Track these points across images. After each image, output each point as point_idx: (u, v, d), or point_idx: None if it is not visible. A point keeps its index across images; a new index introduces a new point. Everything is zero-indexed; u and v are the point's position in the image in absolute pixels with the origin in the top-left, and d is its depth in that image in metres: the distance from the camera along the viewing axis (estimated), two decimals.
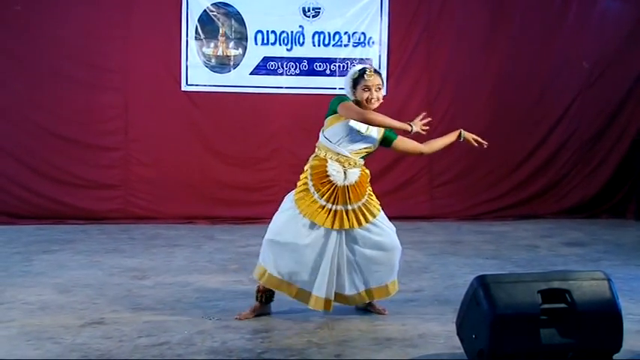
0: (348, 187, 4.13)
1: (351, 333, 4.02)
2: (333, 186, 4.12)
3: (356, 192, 4.15)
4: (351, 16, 7.90)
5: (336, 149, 4.17)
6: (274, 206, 7.78)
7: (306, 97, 7.94)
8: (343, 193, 4.12)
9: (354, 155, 4.17)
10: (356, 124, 4.16)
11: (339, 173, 4.12)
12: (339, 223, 4.10)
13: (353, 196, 4.13)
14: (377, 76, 4.21)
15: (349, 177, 4.13)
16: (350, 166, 4.14)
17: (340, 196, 4.12)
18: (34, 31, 7.47)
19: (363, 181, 4.21)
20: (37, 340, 3.84)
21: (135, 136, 7.74)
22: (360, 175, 4.19)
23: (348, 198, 4.12)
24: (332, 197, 4.11)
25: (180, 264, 5.80)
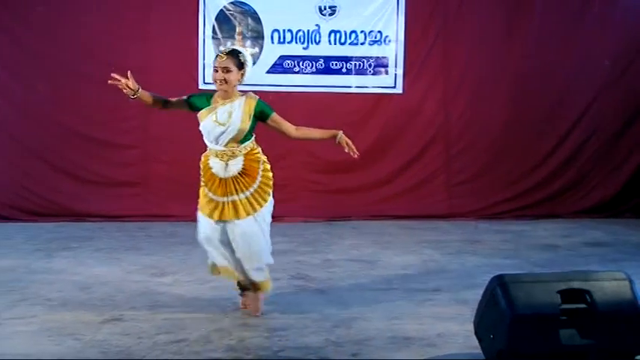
0: (230, 179, 4.20)
1: (368, 332, 4.01)
2: (219, 179, 4.21)
3: (241, 182, 4.21)
4: (367, 14, 7.87)
5: (210, 145, 4.26)
6: (289, 205, 7.90)
7: (322, 95, 7.94)
8: (227, 185, 4.20)
9: (230, 146, 4.21)
10: (216, 117, 4.20)
11: (220, 166, 4.20)
12: (219, 214, 4.20)
13: (238, 187, 4.20)
14: (227, 58, 4.18)
15: (230, 169, 4.20)
16: (229, 157, 4.20)
17: (224, 188, 4.20)
18: (55, 31, 7.52)
19: (250, 168, 4.24)
20: (58, 335, 3.88)
21: (153, 135, 7.77)
22: (245, 164, 4.22)
23: (234, 189, 4.19)
24: (218, 189, 4.20)
25: (197, 262, 5.79)
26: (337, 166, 7.98)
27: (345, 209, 7.95)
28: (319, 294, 4.86)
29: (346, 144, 4.48)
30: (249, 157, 4.25)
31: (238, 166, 4.21)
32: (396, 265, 5.76)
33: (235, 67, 4.19)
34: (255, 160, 4.27)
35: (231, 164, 4.20)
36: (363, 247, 6.53)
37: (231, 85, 4.21)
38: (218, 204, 4.21)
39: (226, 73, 4.17)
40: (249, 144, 4.27)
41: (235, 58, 4.20)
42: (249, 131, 4.26)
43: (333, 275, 5.40)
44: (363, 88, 7.98)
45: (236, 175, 4.20)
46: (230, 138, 4.20)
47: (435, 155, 8.10)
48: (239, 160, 4.21)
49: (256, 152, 4.30)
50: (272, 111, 4.38)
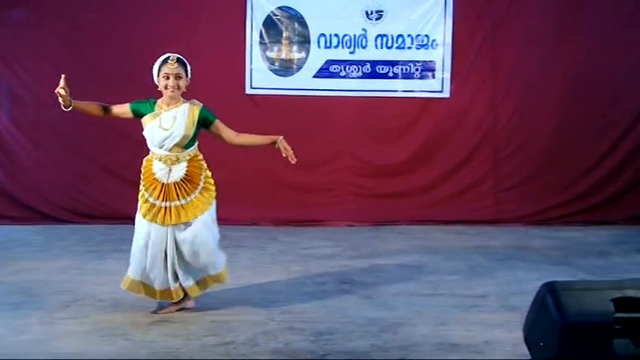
0: (174, 184, 4.28)
1: (414, 337, 3.98)
2: (161, 184, 4.28)
3: (183, 188, 4.29)
4: (414, 18, 7.83)
5: (154, 149, 4.33)
6: (337, 208, 7.91)
7: (368, 99, 7.94)
8: (170, 190, 4.27)
9: (174, 151, 4.29)
10: (161, 122, 4.30)
11: (164, 171, 4.29)
12: (162, 218, 4.26)
13: (180, 192, 4.28)
14: (177, 65, 4.31)
15: (174, 174, 4.28)
16: (172, 162, 4.29)
17: (167, 193, 4.27)
18: (107, 37, 7.69)
19: (193, 174, 4.33)
20: (110, 335, 3.96)
21: (200, 139, 7.84)
22: (188, 169, 4.31)
23: (176, 195, 4.27)
24: (160, 195, 4.26)
25: (244, 265, 5.87)
26: (384, 170, 7.97)
27: (392, 214, 7.91)
28: (365, 298, 4.85)
29: (284, 149, 4.58)
30: (193, 163, 4.36)
31: (181, 172, 4.31)
32: (442, 271, 5.71)
33: (184, 74, 4.34)
34: (198, 167, 4.39)
35: (174, 169, 4.29)
36: (410, 251, 6.49)
37: (181, 91, 4.36)
38: (160, 209, 4.28)
39: (178, 80, 4.32)
40: (193, 150, 4.39)
41: (184, 65, 4.37)
42: (192, 137, 4.36)
43: (379, 280, 5.38)
44: (410, 92, 7.94)
45: (178, 181, 4.30)
46: (174, 143, 4.29)
47: (482, 159, 8.00)
48: (183, 166, 4.31)
49: (199, 159, 4.43)
50: (215, 118, 4.48)
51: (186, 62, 4.42)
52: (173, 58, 4.36)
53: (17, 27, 7.66)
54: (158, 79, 4.38)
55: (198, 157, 4.42)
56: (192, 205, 4.32)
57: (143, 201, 4.35)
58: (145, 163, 4.42)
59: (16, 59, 7.66)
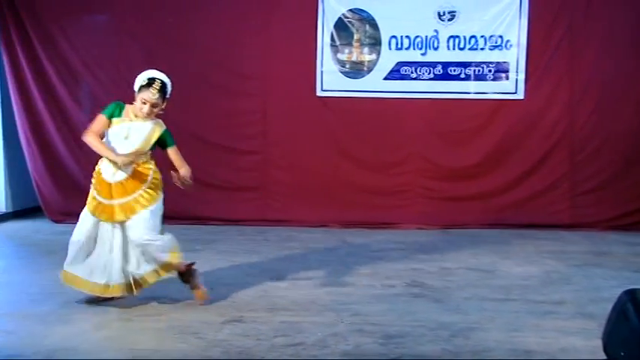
0: (118, 183, 4.48)
1: (487, 343, 3.92)
2: (107, 184, 4.49)
3: (125, 188, 4.48)
4: (487, 18, 7.69)
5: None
6: (407, 211, 7.85)
7: (440, 101, 7.84)
8: (113, 189, 4.48)
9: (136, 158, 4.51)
10: (119, 130, 4.51)
11: (110, 172, 4.50)
12: (107, 216, 4.46)
13: (122, 191, 4.48)
14: (158, 95, 4.54)
15: (118, 175, 4.49)
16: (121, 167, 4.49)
17: (112, 192, 4.48)
18: (183, 41, 7.86)
19: (137, 177, 4.51)
20: (183, 334, 4.06)
21: (272, 141, 7.96)
22: (134, 173, 4.50)
23: (119, 193, 4.47)
24: (106, 193, 4.48)
25: (313, 266, 5.90)
26: (455, 172, 7.86)
27: (462, 217, 7.80)
28: (435, 302, 4.80)
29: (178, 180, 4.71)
30: (141, 166, 4.56)
31: (127, 172, 4.51)
32: (516, 276, 5.59)
33: (161, 102, 4.58)
34: (146, 169, 4.59)
35: (119, 172, 4.50)
36: (481, 255, 6.39)
37: (153, 115, 4.58)
38: (106, 207, 4.47)
39: (154, 108, 4.55)
40: (145, 157, 4.60)
41: (164, 93, 4.59)
42: (145, 151, 4.57)
43: (450, 284, 5.32)
44: (483, 94, 7.80)
45: (122, 181, 4.50)
46: (131, 150, 4.50)
47: (558, 163, 7.79)
48: (128, 170, 4.52)
49: (148, 165, 4.61)
50: (173, 144, 4.72)
51: (167, 88, 4.63)
52: (156, 87, 4.55)
53: (98, 32, 7.94)
54: (137, 95, 4.57)
55: (147, 164, 4.62)
56: (135, 202, 4.50)
57: (92, 198, 4.56)
58: (98, 164, 4.63)
59: (96, 63, 7.93)
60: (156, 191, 4.63)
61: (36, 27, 7.83)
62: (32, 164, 7.98)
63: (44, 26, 7.85)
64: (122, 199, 4.48)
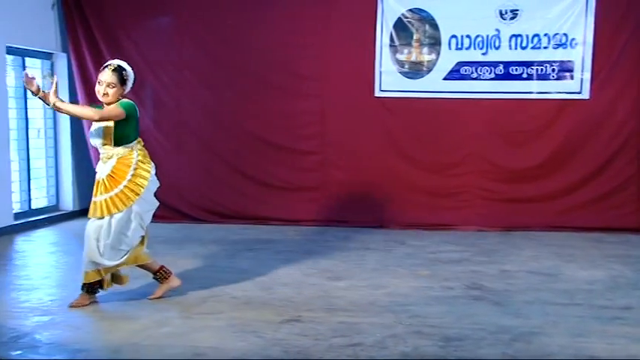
0: (101, 180, 4.55)
1: (549, 348, 3.84)
2: (97, 182, 4.59)
3: (106, 185, 4.53)
4: (552, 16, 7.52)
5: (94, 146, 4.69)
6: (465, 212, 7.76)
7: (501, 101, 7.71)
8: (99, 185, 4.57)
9: (104, 149, 4.57)
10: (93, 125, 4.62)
11: (100, 169, 4.61)
12: (92, 211, 4.55)
13: (103, 188, 4.54)
14: (111, 73, 4.55)
15: (104, 170, 4.56)
16: (105, 159, 4.57)
17: (97, 189, 4.57)
18: (244, 44, 7.96)
19: (118, 171, 4.54)
20: (242, 332, 4.11)
21: (331, 141, 7.98)
22: (114, 166, 4.54)
23: (99, 190, 4.55)
24: (95, 190, 4.58)
25: (371, 267, 5.89)
26: (516, 174, 7.73)
27: (524, 219, 7.65)
28: (496, 305, 4.72)
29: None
30: (122, 160, 4.57)
31: (109, 168, 4.56)
32: (580, 280, 5.45)
33: (119, 84, 4.58)
34: (127, 165, 4.57)
35: (105, 165, 4.57)
36: (544, 259, 6.26)
37: (111, 98, 4.57)
38: (95, 203, 4.57)
39: (107, 87, 4.56)
40: (125, 149, 4.59)
41: (119, 74, 4.58)
42: (117, 132, 4.54)
43: (511, 287, 5.23)
44: (546, 94, 7.64)
45: (105, 177, 4.55)
46: (101, 140, 4.55)
47: (624, 164, 7.56)
48: (111, 162, 4.56)
49: (130, 157, 4.59)
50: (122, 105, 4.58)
51: (124, 73, 4.63)
52: (111, 67, 4.60)
53: (162, 36, 8.10)
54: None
55: (129, 156, 4.61)
56: (109, 202, 4.53)
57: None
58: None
59: (160, 66, 8.10)
60: (130, 196, 4.58)
61: (102, 30, 8.06)
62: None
63: (110, 29, 8.07)
64: (104, 195, 4.55)
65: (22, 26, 7.49)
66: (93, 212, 4.58)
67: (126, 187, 4.56)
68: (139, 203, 4.61)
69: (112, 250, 4.56)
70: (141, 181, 4.62)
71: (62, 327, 4.21)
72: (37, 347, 3.86)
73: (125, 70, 4.66)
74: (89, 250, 4.57)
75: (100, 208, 4.54)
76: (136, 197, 4.58)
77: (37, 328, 4.17)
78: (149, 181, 4.66)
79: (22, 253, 6.60)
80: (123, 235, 4.57)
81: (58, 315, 4.45)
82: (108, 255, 4.55)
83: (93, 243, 4.55)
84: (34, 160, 7.95)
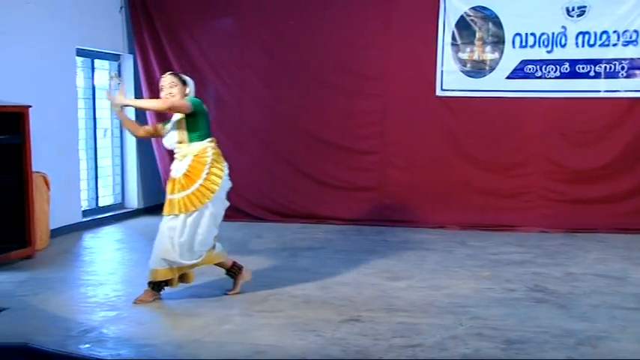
0: (178, 178, 4.63)
1: (617, 353, 3.73)
2: (172, 180, 4.69)
3: (182, 183, 4.61)
4: (621, 13, 7.29)
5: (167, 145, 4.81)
6: (529, 213, 7.61)
7: (566, 100, 7.53)
8: (175, 184, 4.64)
9: (179, 146, 4.68)
10: (168, 124, 4.79)
11: (175, 167, 4.70)
12: (168, 209, 4.63)
13: (180, 186, 4.61)
14: (170, 76, 4.81)
15: (179, 169, 4.65)
16: (181, 157, 4.67)
17: (173, 187, 4.65)
18: (304, 43, 8.02)
19: (194, 169, 4.62)
20: (302, 331, 4.13)
21: (391, 141, 7.94)
22: (190, 165, 4.62)
23: (174, 189, 4.64)
24: (172, 188, 4.66)
25: (431, 268, 5.84)
26: (581, 174, 7.55)
27: (589, 220, 7.45)
28: (560, 308, 4.62)
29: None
30: (197, 159, 4.65)
31: (185, 166, 4.64)
32: None
33: (180, 82, 4.76)
34: (202, 163, 4.64)
35: (180, 164, 4.66)
36: (611, 261, 6.08)
37: (178, 97, 4.71)
38: (171, 201, 4.67)
39: (172, 88, 4.73)
40: (200, 146, 4.69)
41: (177, 76, 4.83)
42: (189, 128, 4.67)
43: (576, 290, 5.10)
44: (614, 92, 7.42)
45: (181, 176, 4.63)
46: (176, 136, 4.70)
47: None
48: (187, 161, 4.64)
49: (205, 156, 4.67)
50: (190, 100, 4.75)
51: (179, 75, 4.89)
52: (166, 75, 4.87)
53: (224, 37, 8.23)
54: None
55: (204, 154, 4.67)
56: (186, 200, 4.59)
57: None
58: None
59: (223, 67, 8.23)
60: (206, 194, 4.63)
61: (166, 31, 8.24)
62: (161, 164, 8.38)
63: (174, 30, 8.24)
64: (175, 195, 4.64)
65: (91, 29, 7.73)
66: (170, 210, 4.66)
67: (202, 185, 4.63)
68: (214, 202, 4.67)
69: (189, 250, 4.63)
70: (215, 180, 4.68)
71: (128, 322, 4.33)
72: (105, 341, 3.98)
73: (181, 74, 4.91)
74: (163, 248, 4.65)
75: (177, 206, 4.62)
76: (211, 195, 4.64)
77: (104, 323, 4.30)
78: (223, 180, 4.72)
79: (89, 249, 6.81)
80: (197, 234, 4.64)
81: (124, 310, 4.58)
82: (185, 255, 4.63)
83: (167, 241, 4.63)
84: (101, 160, 8.19)
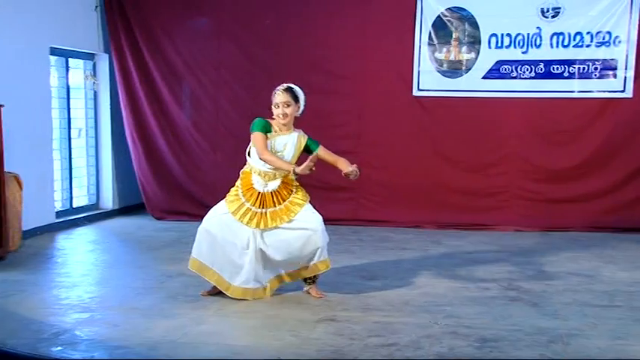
0: (269, 193, 4.74)
1: (588, 350, 3.78)
2: (257, 193, 4.75)
3: (275, 198, 4.74)
4: (594, 14, 7.37)
5: (256, 165, 4.80)
6: (504, 213, 7.68)
7: (541, 100, 7.61)
8: (264, 199, 4.74)
9: (273, 170, 4.74)
10: (274, 144, 4.77)
11: (260, 184, 4.78)
12: (257, 222, 4.69)
13: (272, 201, 4.73)
14: (285, 93, 4.79)
15: (269, 186, 4.76)
16: (269, 179, 4.77)
17: (262, 201, 4.73)
18: (280, 43, 7.99)
19: (284, 188, 4.78)
20: (278, 331, 4.14)
21: (367, 141, 7.95)
22: (280, 185, 4.76)
23: (271, 202, 4.73)
24: (256, 202, 4.73)
25: (407, 267, 5.87)
26: (556, 174, 7.63)
27: (563, 219, 7.54)
28: (533, 307, 4.67)
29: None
30: (285, 180, 4.80)
31: (275, 186, 4.78)
32: (620, 281, 5.36)
33: (293, 101, 4.79)
34: (289, 184, 4.81)
35: (270, 184, 4.77)
36: (583, 259, 6.16)
37: (290, 117, 4.80)
38: (256, 214, 4.72)
39: (286, 108, 4.76)
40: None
41: (290, 93, 4.81)
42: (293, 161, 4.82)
43: (549, 288, 5.16)
44: (587, 93, 7.51)
45: (272, 191, 4.76)
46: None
47: None
48: (277, 182, 4.77)
49: (291, 177, 4.81)
50: (319, 144, 4.95)
51: (295, 90, 4.87)
52: (280, 89, 4.82)
53: (200, 36, 8.17)
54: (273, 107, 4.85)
55: (290, 178, 4.83)
56: (278, 213, 4.74)
57: (239, 204, 4.78)
58: (242, 175, 4.92)
59: (198, 66, 8.17)
60: (303, 191, 4.89)
61: (142, 30, 8.16)
62: (137, 164, 8.32)
63: (150, 30, 8.17)
64: (275, 207, 4.74)
65: (66, 27, 7.64)
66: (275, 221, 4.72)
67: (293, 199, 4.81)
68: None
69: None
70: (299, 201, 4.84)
71: (101, 324, 4.29)
72: (77, 344, 3.94)
73: (294, 89, 4.91)
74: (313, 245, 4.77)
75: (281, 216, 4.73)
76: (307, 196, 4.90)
77: (77, 325, 4.26)
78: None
79: (62, 250, 6.74)
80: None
81: (98, 312, 4.54)
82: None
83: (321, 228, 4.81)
84: (75, 160, 8.10)
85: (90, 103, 8.32)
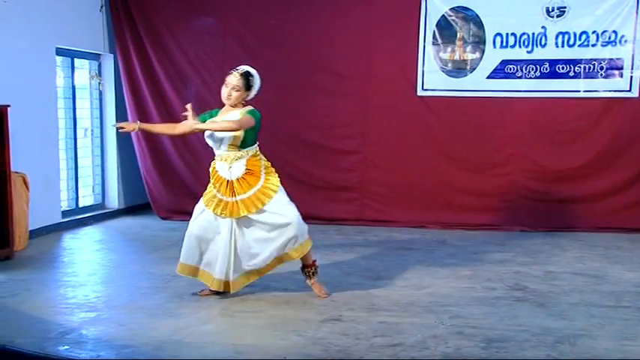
0: (236, 180, 4.66)
1: (595, 350, 3.77)
2: (225, 181, 4.68)
3: (244, 184, 4.66)
4: (600, 13, 7.36)
5: (216, 151, 4.76)
6: (509, 213, 7.64)
7: (546, 100, 7.59)
8: (233, 186, 4.66)
9: (230, 150, 4.67)
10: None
11: (224, 169, 4.70)
12: (230, 211, 4.64)
13: (241, 188, 4.65)
14: (239, 78, 4.72)
15: (234, 172, 4.67)
16: (232, 160, 4.67)
17: (231, 189, 4.66)
18: (286, 43, 7.99)
19: (253, 171, 4.69)
20: (283, 331, 4.13)
21: (372, 140, 7.95)
22: (247, 167, 4.68)
23: (241, 189, 4.65)
24: (226, 191, 4.66)
25: (412, 267, 5.86)
26: (561, 174, 7.61)
27: (569, 220, 7.52)
28: (539, 307, 4.66)
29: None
30: (251, 160, 4.71)
31: (241, 169, 4.68)
32: (627, 282, 5.34)
33: (243, 89, 4.74)
34: (256, 164, 4.73)
35: (234, 166, 4.67)
36: (589, 260, 6.14)
37: (234, 101, 4.75)
38: (227, 204, 4.66)
39: (231, 90, 4.72)
40: (251, 150, 4.74)
41: (247, 80, 4.75)
42: (245, 138, 4.66)
43: (555, 288, 5.15)
44: (593, 92, 7.49)
45: (239, 178, 4.67)
46: (229, 143, 4.66)
47: None
48: (242, 163, 4.68)
49: (258, 157, 4.77)
50: (254, 116, 4.71)
51: (251, 77, 4.79)
52: (238, 72, 4.76)
53: (206, 36, 8.18)
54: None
55: (257, 156, 4.77)
56: (250, 200, 4.65)
57: (210, 195, 4.74)
58: (211, 167, 4.83)
59: (204, 66, 8.18)
60: (274, 177, 4.80)
61: (148, 30, 8.17)
62: (142, 163, 8.34)
63: (155, 29, 8.18)
64: (244, 194, 4.66)
65: (71, 28, 7.65)
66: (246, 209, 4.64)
67: (264, 183, 4.72)
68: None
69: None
70: (272, 170, 4.83)
71: (107, 323, 4.30)
72: (84, 343, 3.95)
73: (252, 77, 4.81)
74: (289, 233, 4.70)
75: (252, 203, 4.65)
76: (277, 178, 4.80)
77: (84, 324, 4.27)
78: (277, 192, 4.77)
79: (69, 250, 6.75)
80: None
81: (104, 311, 4.55)
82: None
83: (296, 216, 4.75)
84: (81, 160, 8.12)
85: (95, 103, 8.34)
